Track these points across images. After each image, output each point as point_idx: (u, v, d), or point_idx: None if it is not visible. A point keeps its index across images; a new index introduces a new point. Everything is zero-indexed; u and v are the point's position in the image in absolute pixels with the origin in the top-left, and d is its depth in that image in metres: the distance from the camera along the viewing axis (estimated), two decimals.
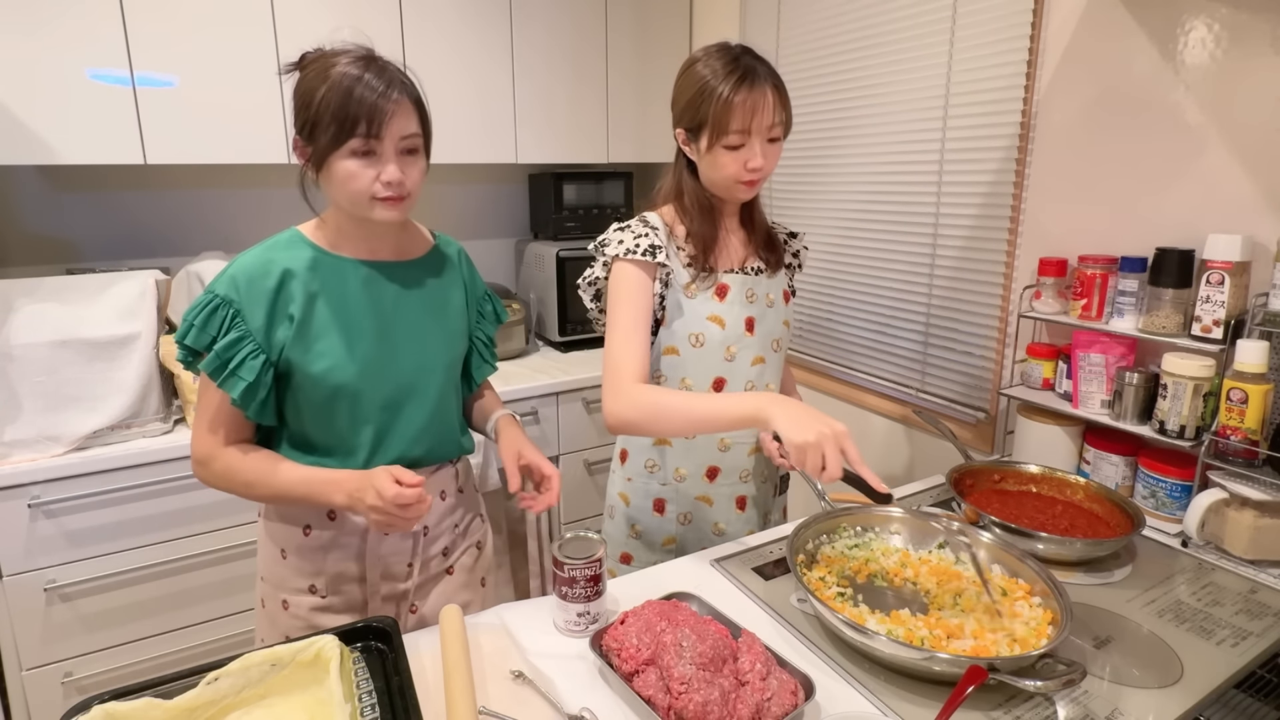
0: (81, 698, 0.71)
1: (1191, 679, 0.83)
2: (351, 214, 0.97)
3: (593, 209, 2.46)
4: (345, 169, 0.91)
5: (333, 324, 0.97)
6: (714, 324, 1.16)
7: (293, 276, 0.96)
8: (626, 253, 1.12)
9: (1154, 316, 1.22)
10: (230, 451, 0.98)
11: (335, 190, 0.95)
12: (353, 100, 0.89)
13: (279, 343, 0.95)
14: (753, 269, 1.21)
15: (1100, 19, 1.33)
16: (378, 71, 0.92)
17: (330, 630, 0.83)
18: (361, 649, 0.84)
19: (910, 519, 1.09)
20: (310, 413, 1.00)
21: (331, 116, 0.89)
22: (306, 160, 0.95)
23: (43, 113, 1.62)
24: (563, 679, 0.84)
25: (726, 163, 1.09)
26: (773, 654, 0.80)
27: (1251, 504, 1.07)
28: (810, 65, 2.00)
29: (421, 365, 1.04)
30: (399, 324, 1.02)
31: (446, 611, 0.91)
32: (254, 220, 2.21)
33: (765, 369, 1.21)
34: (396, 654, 0.82)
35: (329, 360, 0.96)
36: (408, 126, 0.94)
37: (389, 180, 0.92)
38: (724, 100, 1.05)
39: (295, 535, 1.04)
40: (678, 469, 1.23)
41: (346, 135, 0.89)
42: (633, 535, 1.28)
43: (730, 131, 1.07)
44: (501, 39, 2.14)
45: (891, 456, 1.92)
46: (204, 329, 0.93)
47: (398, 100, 0.92)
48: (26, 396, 1.52)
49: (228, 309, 0.93)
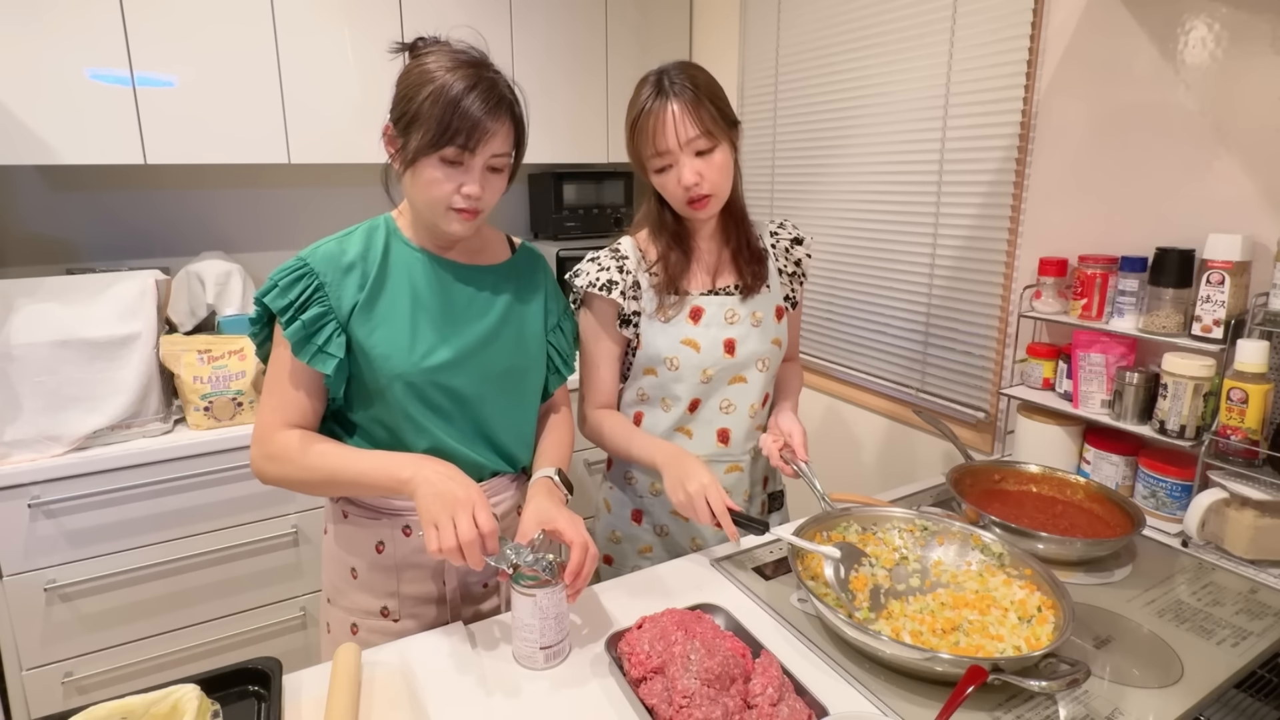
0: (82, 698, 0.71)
1: (1191, 679, 0.83)
2: (422, 216, 0.97)
3: (593, 209, 2.46)
4: (430, 174, 0.90)
5: (399, 310, 0.96)
6: (688, 348, 1.15)
7: (367, 256, 0.96)
8: (588, 286, 1.14)
9: (1154, 316, 1.22)
10: (292, 431, 0.95)
11: (415, 191, 0.94)
12: (458, 113, 0.87)
13: (345, 315, 0.94)
14: (734, 288, 1.19)
15: (1100, 19, 1.33)
16: (488, 87, 0.90)
17: (201, 675, 0.77)
18: (238, 694, 0.79)
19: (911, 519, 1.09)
20: (365, 401, 0.97)
21: (434, 122, 0.87)
22: (395, 151, 0.93)
23: (43, 113, 1.62)
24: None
25: (664, 184, 1.09)
26: (791, 679, 0.78)
27: (1252, 504, 1.07)
28: (810, 65, 2.00)
29: (486, 368, 1.01)
30: (468, 324, 1.00)
31: (341, 651, 0.84)
32: (254, 220, 2.21)
33: (747, 389, 1.20)
34: (272, 701, 0.75)
35: (388, 346, 0.94)
36: (503, 146, 0.93)
37: (469, 194, 0.91)
38: (635, 121, 1.07)
39: (368, 553, 1.01)
40: (653, 484, 1.22)
41: (444, 143, 0.88)
42: (613, 540, 1.29)
43: (648, 154, 1.07)
44: (502, 39, 2.14)
45: (891, 456, 1.92)
46: (285, 292, 0.91)
47: (501, 120, 0.91)
48: (26, 396, 1.52)
49: (312, 279, 0.92)
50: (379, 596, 1.02)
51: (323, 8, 1.87)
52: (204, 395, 1.69)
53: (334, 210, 2.31)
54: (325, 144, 1.94)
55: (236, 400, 1.72)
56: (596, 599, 1.00)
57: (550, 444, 1.11)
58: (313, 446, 0.94)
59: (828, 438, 2.10)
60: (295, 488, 0.97)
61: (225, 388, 1.70)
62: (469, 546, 0.82)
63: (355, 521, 1.03)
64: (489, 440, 1.04)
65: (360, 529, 1.02)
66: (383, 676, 0.84)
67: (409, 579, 1.02)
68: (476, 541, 0.83)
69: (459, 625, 0.95)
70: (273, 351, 0.97)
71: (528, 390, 1.09)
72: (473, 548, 0.83)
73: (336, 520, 1.05)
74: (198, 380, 1.68)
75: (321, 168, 2.26)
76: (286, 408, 0.95)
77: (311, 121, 1.91)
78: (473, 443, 1.02)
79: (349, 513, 1.04)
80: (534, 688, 0.83)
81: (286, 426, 0.95)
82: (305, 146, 1.92)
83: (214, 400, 1.69)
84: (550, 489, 0.99)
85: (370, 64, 1.95)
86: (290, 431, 0.95)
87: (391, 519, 1.01)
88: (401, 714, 0.77)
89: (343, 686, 0.78)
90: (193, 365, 1.68)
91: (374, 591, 1.02)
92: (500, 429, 1.05)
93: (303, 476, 0.94)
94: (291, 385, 0.95)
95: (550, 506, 0.93)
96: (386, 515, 1.02)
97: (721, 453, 1.21)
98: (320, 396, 0.97)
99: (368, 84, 1.96)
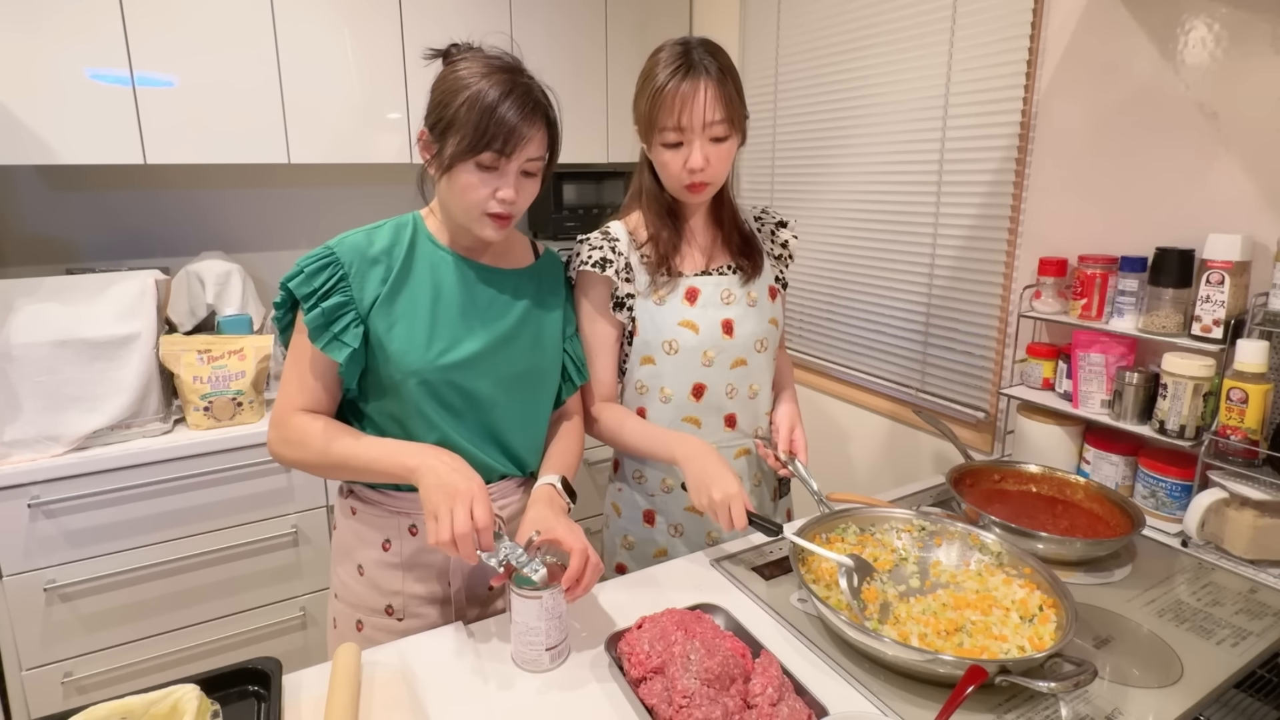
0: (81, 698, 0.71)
1: (1191, 679, 0.83)
2: (456, 220, 0.98)
3: (592, 208, 2.46)
4: (466, 180, 0.91)
5: (420, 307, 0.96)
6: (687, 329, 1.14)
7: (393, 250, 0.97)
8: (580, 265, 1.13)
9: (1154, 316, 1.22)
10: (307, 415, 0.97)
11: (451, 196, 0.95)
12: (494, 120, 0.88)
13: (365, 307, 0.95)
14: (728, 268, 1.19)
15: (1100, 19, 1.33)
16: (523, 93, 0.91)
17: (201, 675, 0.77)
18: (238, 694, 0.79)
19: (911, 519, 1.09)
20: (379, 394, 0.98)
21: (471, 128, 0.89)
22: (431, 156, 0.95)
23: (42, 113, 1.62)
24: None
25: (667, 161, 1.08)
26: (791, 679, 0.78)
27: (1251, 504, 1.07)
28: (810, 65, 2.00)
29: (502, 369, 1.01)
30: (487, 324, 1.00)
31: (341, 651, 0.84)
32: (254, 220, 2.21)
33: (748, 371, 1.19)
34: (271, 701, 0.76)
35: (406, 341, 0.95)
36: (538, 151, 0.94)
37: (504, 198, 0.93)
38: (658, 91, 1.04)
39: (374, 550, 1.02)
40: (664, 480, 1.22)
41: (481, 149, 0.89)
42: (625, 546, 1.27)
43: (663, 127, 1.05)
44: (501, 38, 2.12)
45: (892, 456, 1.92)
46: (310, 279, 0.92)
47: (537, 126, 0.92)
48: (26, 396, 1.52)
49: (337, 269, 0.93)
50: (384, 594, 1.02)
51: (323, 8, 1.87)
52: (204, 395, 1.69)
53: (334, 210, 2.31)
54: (325, 144, 1.94)
55: (236, 400, 1.72)
56: (596, 599, 1.00)
57: (558, 451, 1.10)
58: (326, 432, 0.95)
59: (828, 438, 2.10)
60: (309, 471, 1.00)
61: (225, 388, 1.70)
62: (463, 539, 0.82)
63: (363, 519, 1.03)
64: (499, 442, 1.04)
65: (368, 526, 1.03)
66: (383, 676, 0.84)
67: (414, 578, 1.02)
68: (470, 535, 0.83)
69: (459, 625, 0.95)
70: (294, 338, 0.98)
71: (541, 395, 1.08)
72: (466, 540, 0.83)
73: (345, 516, 1.06)
74: (197, 380, 1.68)
75: (321, 168, 2.26)
76: (303, 393, 0.97)
77: (311, 121, 1.91)
78: (483, 443, 1.02)
79: (357, 509, 1.04)
80: (533, 687, 0.83)
81: (302, 411, 0.97)
82: (305, 146, 1.91)
83: (214, 400, 1.69)
84: (552, 497, 0.98)
85: (370, 64, 1.95)
86: (305, 416, 0.96)
87: (399, 518, 1.02)
88: (401, 714, 0.77)
89: (342, 686, 0.78)
90: (192, 365, 1.68)
91: (379, 589, 1.02)
92: (511, 432, 1.05)
93: (316, 460, 0.96)
94: (310, 372, 0.96)
95: (549, 514, 0.93)
96: (393, 514, 1.02)
97: (729, 438, 1.21)
98: (336, 386, 0.99)
99: (368, 84, 1.96)
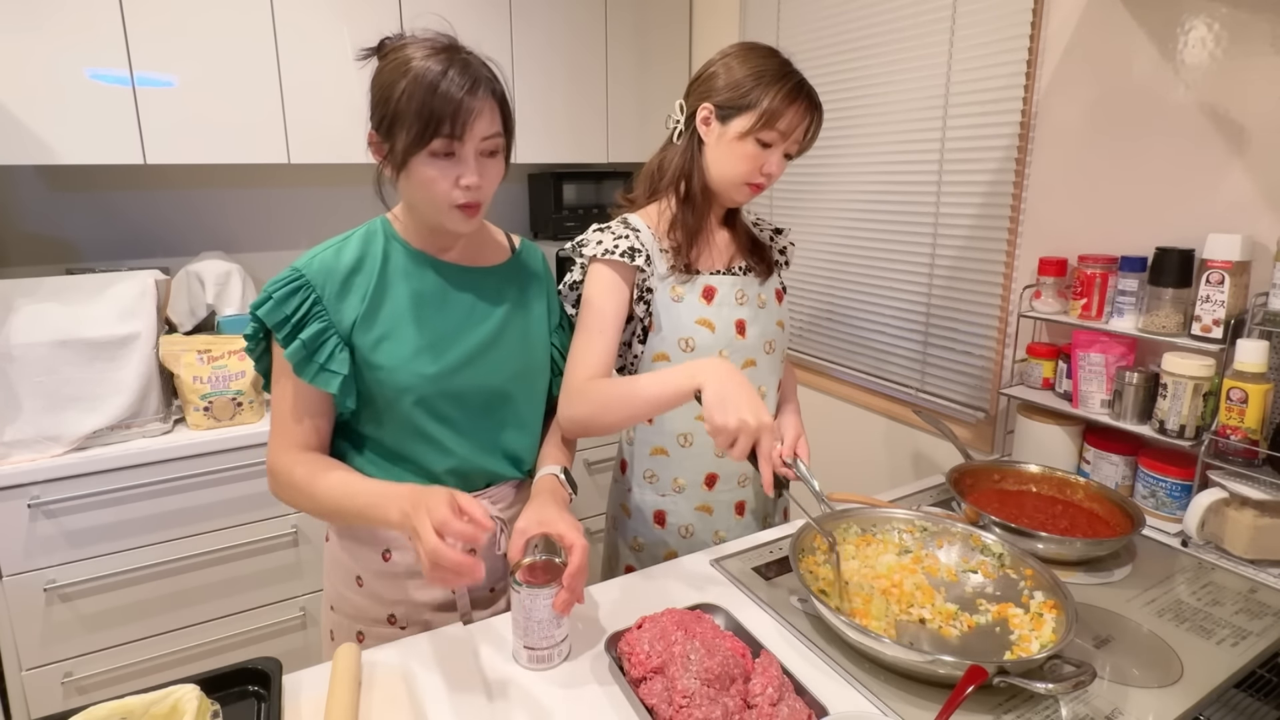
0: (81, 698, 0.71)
1: (1191, 678, 0.83)
2: (425, 218, 0.94)
3: (592, 208, 2.46)
4: (424, 173, 0.87)
5: (402, 319, 0.93)
6: (703, 328, 1.14)
7: (365, 263, 0.93)
8: (605, 253, 1.10)
9: (1154, 316, 1.22)
10: (297, 463, 0.92)
11: (413, 193, 0.91)
12: (436, 97, 0.83)
13: (346, 327, 0.91)
14: (742, 268, 1.20)
15: (1100, 19, 1.33)
16: (462, 66, 0.85)
17: (201, 675, 0.76)
18: (238, 694, 0.78)
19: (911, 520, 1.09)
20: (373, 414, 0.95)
21: (414, 115, 0.83)
22: (383, 158, 0.90)
23: (42, 113, 1.62)
24: None
25: (748, 155, 1.08)
26: (791, 679, 0.78)
27: (1251, 504, 1.07)
28: (810, 65, 1.99)
29: (490, 373, 0.99)
30: (471, 330, 0.98)
31: (341, 651, 0.83)
32: (254, 220, 2.21)
33: (757, 372, 1.19)
34: (271, 701, 0.75)
35: (392, 357, 0.92)
36: (490, 127, 0.88)
37: (468, 184, 0.87)
38: (784, 95, 1.05)
39: (374, 561, 1.00)
40: (676, 479, 1.21)
41: (430, 136, 0.84)
42: (634, 549, 1.26)
43: (774, 128, 1.06)
44: (502, 39, 2.14)
45: (892, 456, 1.92)
46: (280, 305, 0.88)
47: (483, 99, 0.86)
48: (26, 396, 1.52)
49: (309, 292, 0.89)
50: (386, 604, 1.01)
51: (322, 8, 1.87)
52: (204, 395, 1.69)
53: (334, 210, 2.31)
54: (325, 144, 1.94)
55: (236, 400, 1.72)
56: (596, 599, 1.00)
57: (555, 444, 1.09)
58: (317, 480, 0.90)
59: (828, 438, 2.10)
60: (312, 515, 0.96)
61: (225, 388, 1.70)
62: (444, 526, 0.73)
63: (360, 533, 1.01)
64: (498, 445, 1.03)
65: (367, 537, 1.00)
66: (383, 676, 0.84)
67: (418, 585, 1.00)
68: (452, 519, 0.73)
69: (459, 625, 0.95)
70: (274, 380, 0.95)
71: (535, 393, 1.07)
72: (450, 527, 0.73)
73: (339, 529, 1.04)
74: (197, 380, 1.68)
75: (321, 168, 2.26)
76: (293, 436, 0.93)
77: (311, 121, 1.91)
78: (481, 449, 1.00)
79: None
80: (534, 687, 0.83)
81: (296, 452, 0.93)
82: (305, 146, 1.91)
83: (214, 400, 1.69)
84: (555, 487, 0.97)
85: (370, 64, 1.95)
86: (298, 461, 0.92)
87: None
88: (401, 714, 0.77)
89: (342, 686, 0.78)
90: (192, 365, 1.68)
91: (380, 599, 1.01)
92: (509, 433, 1.03)
93: (312, 508, 0.93)
94: (294, 417, 0.93)
95: (552, 507, 0.90)
96: None
97: None
98: (329, 414, 0.96)
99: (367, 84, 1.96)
